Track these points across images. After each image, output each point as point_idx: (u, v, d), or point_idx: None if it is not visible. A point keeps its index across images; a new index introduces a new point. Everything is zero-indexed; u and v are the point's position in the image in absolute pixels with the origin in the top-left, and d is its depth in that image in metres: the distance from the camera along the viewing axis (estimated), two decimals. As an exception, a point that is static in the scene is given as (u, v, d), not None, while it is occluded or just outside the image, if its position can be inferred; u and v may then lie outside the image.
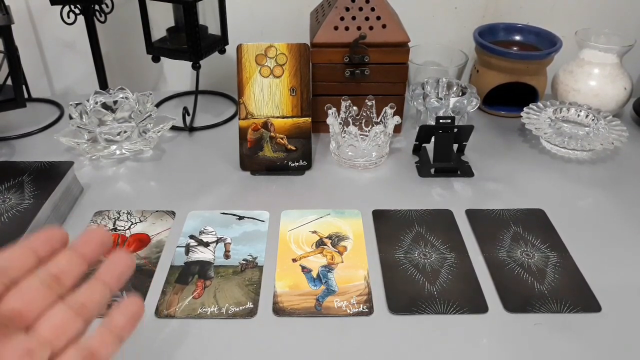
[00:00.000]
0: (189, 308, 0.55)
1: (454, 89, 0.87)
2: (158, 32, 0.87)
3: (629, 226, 0.67)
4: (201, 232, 0.65)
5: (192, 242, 0.64)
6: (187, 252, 0.62)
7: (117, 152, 0.80)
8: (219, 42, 0.88)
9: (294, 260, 0.61)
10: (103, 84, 0.91)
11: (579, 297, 0.56)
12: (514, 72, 0.88)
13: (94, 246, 0.34)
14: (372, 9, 0.79)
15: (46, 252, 0.32)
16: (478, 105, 0.82)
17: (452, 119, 0.76)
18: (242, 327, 0.53)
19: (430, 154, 0.78)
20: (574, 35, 0.89)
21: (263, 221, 0.67)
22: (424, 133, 0.78)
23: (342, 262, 0.61)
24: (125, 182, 0.75)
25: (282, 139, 0.76)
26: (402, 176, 0.77)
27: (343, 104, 0.80)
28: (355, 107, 0.81)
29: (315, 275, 0.59)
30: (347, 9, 0.79)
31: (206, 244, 0.64)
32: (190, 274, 0.59)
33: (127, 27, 0.96)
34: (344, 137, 0.76)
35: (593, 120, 0.84)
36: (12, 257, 0.31)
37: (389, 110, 0.78)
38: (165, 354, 0.51)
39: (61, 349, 0.30)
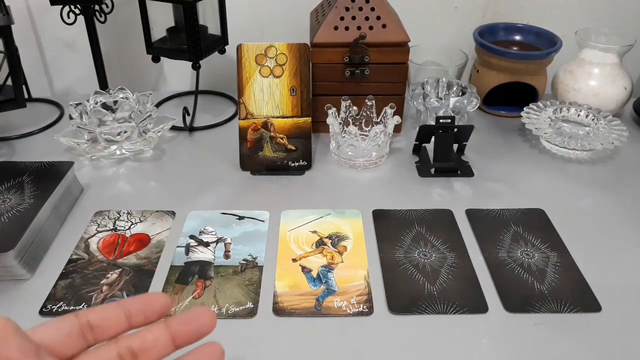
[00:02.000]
0: (189, 308, 0.55)
1: (454, 88, 0.87)
2: (158, 32, 0.87)
3: (629, 226, 0.67)
4: (201, 232, 0.65)
5: (192, 242, 0.64)
6: (187, 252, 0.62)
7: (117, 152, 0.80)
8: (219, 42, 0.88)
9: (294, 260, 0.61)
10: (103, 84, 0.91)
11: (579, 297, 0.56)
12: (514, 72, 0.88)
13: (193, 329, 0.31)
14: (372, 9, 0.79)
15: (139, 320, 0.31)
16: (478, 105, 0.82)
17: (452, 119, 0.76)
18: (242, 327, 0.53)
19: (430, 154, 0.78)
20: (574, 35, 0.89)
21: (263, 221, 0.67)
22: (424, 133, 0.78)
23: (342, 262, 0.61)
24: (125, 182, 0.75)
25: (282, 139, 0.76)
26: (402, 176, 0.77)
27: (343, 104, 0.80)
28: (355, 107, 0.80)
29: (315, 275, 0.59)
30: (347, 9, 0.79)
31: (206, 244, 0.64)
32: (190, 274, 0.59)
33: (127, 27, 0.96)
34: (344, 137, 0.76)
35: (593, 120, 0.84)
36: (105, 316, 0.30)
37: (389, 110, 0.78)
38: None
39: None
